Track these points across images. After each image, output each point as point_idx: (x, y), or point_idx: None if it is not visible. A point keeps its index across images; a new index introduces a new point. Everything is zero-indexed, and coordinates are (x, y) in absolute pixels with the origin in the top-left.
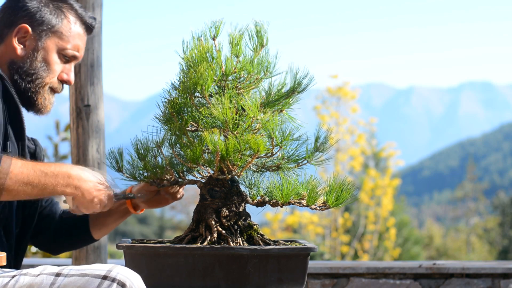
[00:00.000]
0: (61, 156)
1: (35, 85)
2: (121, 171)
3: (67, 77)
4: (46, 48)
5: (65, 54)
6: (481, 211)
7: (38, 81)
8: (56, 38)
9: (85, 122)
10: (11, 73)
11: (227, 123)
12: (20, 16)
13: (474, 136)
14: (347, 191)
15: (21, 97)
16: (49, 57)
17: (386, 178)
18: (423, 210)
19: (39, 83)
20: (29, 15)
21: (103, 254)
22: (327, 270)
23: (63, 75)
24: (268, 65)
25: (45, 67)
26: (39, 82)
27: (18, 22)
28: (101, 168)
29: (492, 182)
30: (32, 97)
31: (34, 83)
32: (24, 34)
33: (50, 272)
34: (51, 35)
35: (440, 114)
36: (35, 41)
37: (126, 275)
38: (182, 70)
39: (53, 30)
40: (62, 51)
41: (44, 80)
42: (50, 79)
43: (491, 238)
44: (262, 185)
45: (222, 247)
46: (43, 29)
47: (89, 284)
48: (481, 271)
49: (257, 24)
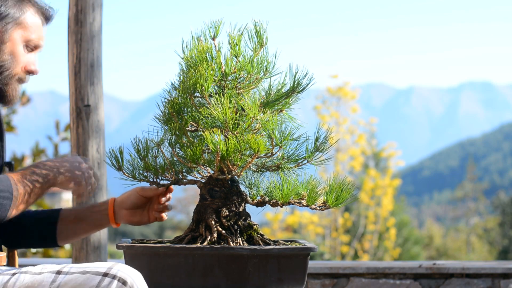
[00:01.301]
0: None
1: (4, 77)
2: (122, 170)
3: (33, 67)
4: (12, 40)
5: (30, 44)
6: (481, 211)
7: (7, 73)
8: (21, 30)
9: (85, 122)
10: None
11: (227, 123)
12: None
13: (474, 136)
14: (347, 191)
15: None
16: (16, 49)
17: (386, 178)
18: (423, 210)
19: (8, 75)
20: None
21: (103, 254)
22: (327, 270)
23: (29, 66)
24: (267, 65)
25: (12, 59)
26: (8, 74)
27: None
28: (101, 168)
29: (492, 182)
30: (2, 89)
31: (3, 75)
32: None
33: (50, 270)
34: (16, 27)
35: (440, 114)
36: (1, 34)
37: (127, 273)
38: (182, 70)
39: (17, 22)
40: (27, 42)
41: (12, 72)
42: (17, 70)
43: (491, 238)
44: (262, 185)
45: (222, 247)
46: (8, 21)
47: (90, 281)
48: (481, 271)
49: (257, 24)
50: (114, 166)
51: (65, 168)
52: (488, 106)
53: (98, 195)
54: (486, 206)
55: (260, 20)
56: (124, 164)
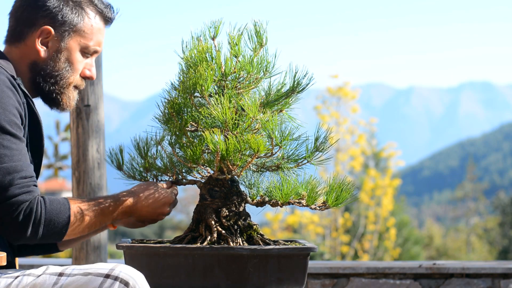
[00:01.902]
0: (61, 156)
1: (60, 86)
2: (122, 169)
3: (89, 73)
4: (69, 48)
5: (87, 51)
6: (481, 211)
7: (63, 82)
8: (78, 37)
9: (85, 122)
10: (32, 75)
11: (227, 123)
12: (41, 16)
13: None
14: (347, 191)
15: (45, 97)
16: (72, 56)
17: (386, 178)
18: (423, 210)
19: (63, 84)
20: (51, 15)
21: (103, 254)
22: (327, 270)
23: (85, 72)
24: (267, 65)
25: (69, 67)
26: (64, 83)
27: (39, 22)
28: (101, 168)
29: (492, 182)
30: (57, 98)
31: (59, 85)
32: (47, 36)
33: (53, 272)
34: (73, 35)
35: (440, 114)
36: (58, 42)
37: (129, 274)
38: (182, 70)
39: (75, 29)
40: (84, 49)
41: (68, 80)
42: (73, 78)
43: (491, 238)
44: (262, 185)
45: (222, 247)
46: (65, 29)
47: (92, 282)
48: (481, 271)
49: (256, 24)
50: (115, 165)
51: (142, 216)
52: (488, 106)
53: (97, 195)
54: (486, 206)
55: (260, 20)
56: (124, 163)
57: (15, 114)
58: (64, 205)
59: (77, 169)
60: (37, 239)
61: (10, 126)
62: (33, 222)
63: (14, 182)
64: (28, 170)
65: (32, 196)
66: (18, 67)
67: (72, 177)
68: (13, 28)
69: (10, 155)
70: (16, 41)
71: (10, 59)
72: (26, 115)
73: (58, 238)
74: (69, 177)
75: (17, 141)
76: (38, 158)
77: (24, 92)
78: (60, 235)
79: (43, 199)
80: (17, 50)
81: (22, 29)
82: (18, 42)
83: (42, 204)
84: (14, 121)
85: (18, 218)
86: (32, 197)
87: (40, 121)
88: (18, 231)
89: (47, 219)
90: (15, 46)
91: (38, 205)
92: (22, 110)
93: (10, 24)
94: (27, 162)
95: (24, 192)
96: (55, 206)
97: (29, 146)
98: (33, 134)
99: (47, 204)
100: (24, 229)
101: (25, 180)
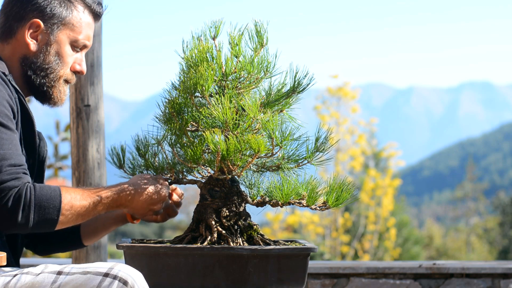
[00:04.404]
0: (61, 156)
1: (50, 79)
2: (123, 168)
3: (80, 67)
4: (58, 41)
5: (77, 45)
6: (481, 211)
7: (53, 75)
8: (68, 30)
9: (85, 122)
10: (23, 69)
11: (227, 123)
12: (30, 10)
13: (474, 136)
14: (347, 191)
15: (36, 92)
16: (62, 50)
17: (386, 178)
18: (423, 210)
19: (53, 77)
20: (39, 9)
21: (103, 254)
22: (327, 270)
23: (75, 66)
24: (268, 65)
25: (59, 60)
26: (54, 76)
27: (28, 16)
28: (101, 168)
29: (492, 182)
30: (47, 91)
31: (49, 78)
32: (36, 29)
33: (51, 271)
34: (62, 28)
35: (440, 114)
36: (47, 35)
37: (128, 273)
38: (182, 70)
39: (64, 22)
40: (74, 43)
41: (58, 73)
42: (64, 71)
43: (491, 238)
44: (262, 185)
45: (222, 247)
46: (54, 22)
47: (91, 281)
48: (481, 271)
49: (257, 24)
50: (116, 164)
51: (135, 208)
52: (488, 106)
53: None
54: (486, 206)
55: (260, 20)
56: (125, 162)
57: (6, 106)
58: (55, 191)
59: (77, 169)
60: (29, 227)
61: (0, 117)
62: (23, 207)
63: (2, 169)
64: (18, 158)
65: (21, 182)
66: (10, 65)
67: (72, 177)
68: (3, 25)
69: (0, 144)
70: (7, 37)
71: (2, 57)
72: (19, 111)
73: (52, 224)
74: (69, 177)
75: (8, 131)
76: (33, 157)
77: (16, 89)
78: (53, 222)
79: (33, 186)
80: (8, 47)
81: (12, 24)
82: (9, 38)
83: (32, 190)
84: (4, 112)
85: (7, 204)
86: (21, 183)
87: (33, 118)
88: (8, 217)
89: (37, 205)
90: (6, 42)
91: (27, 191)
92: (14, 105)
93: (0, 21)
94: (18, 152)
95: (12, 178)
96: (46, 191)
97: (23, 143)
98: (26, 131)
99: (37, 190)
100: (15, 215)
101: (14, 167)
